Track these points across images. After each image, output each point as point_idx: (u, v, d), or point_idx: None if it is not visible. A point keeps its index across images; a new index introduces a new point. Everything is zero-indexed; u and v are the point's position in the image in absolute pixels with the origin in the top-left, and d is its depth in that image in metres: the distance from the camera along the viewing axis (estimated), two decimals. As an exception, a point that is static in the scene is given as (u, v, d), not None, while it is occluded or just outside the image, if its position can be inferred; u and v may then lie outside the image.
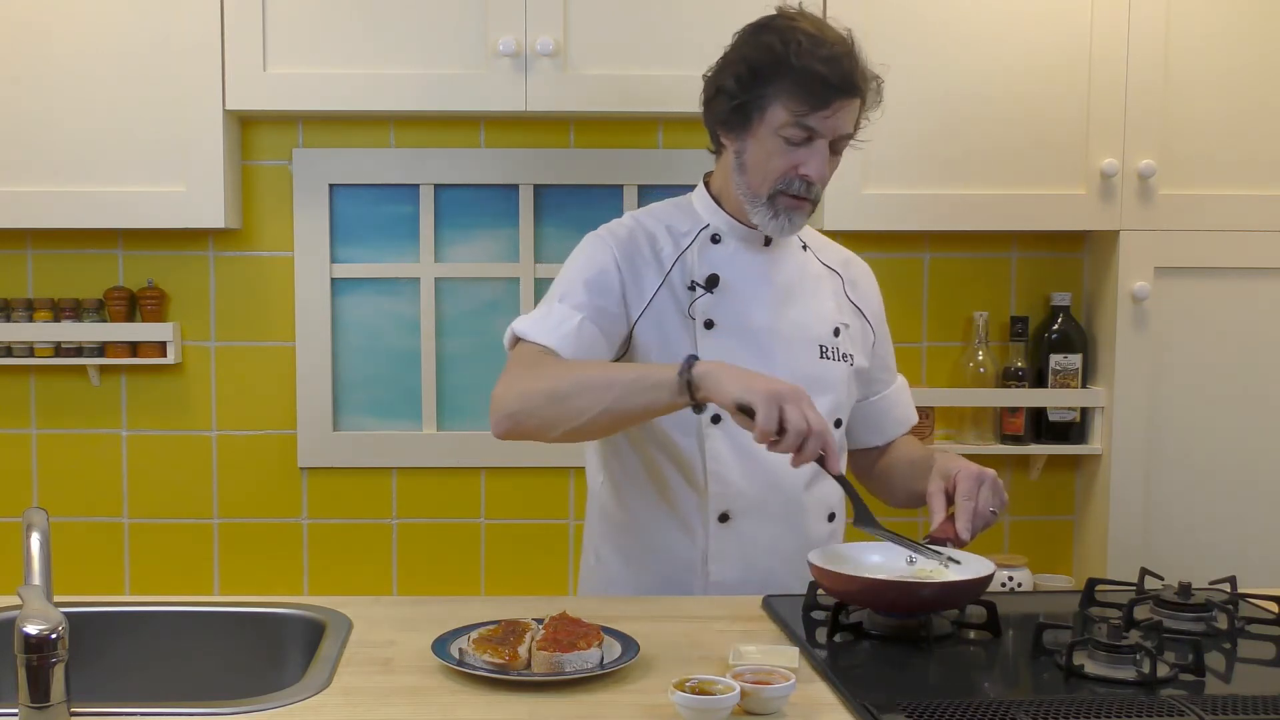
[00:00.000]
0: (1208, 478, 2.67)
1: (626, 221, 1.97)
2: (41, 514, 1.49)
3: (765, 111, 1.83)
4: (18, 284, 2.75)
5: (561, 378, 1.76)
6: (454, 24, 2.52)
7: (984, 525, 1.81)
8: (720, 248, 1.95)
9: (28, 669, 1.28)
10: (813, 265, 2.02)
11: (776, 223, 1.88)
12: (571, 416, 1.74)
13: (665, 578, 1.95)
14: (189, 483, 2.80)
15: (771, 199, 1.86)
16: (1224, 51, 2.60)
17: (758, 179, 1.87)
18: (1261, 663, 1.63)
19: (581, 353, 1.83)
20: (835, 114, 1.82)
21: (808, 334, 1.95)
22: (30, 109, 2.51)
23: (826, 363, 1.96)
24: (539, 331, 1.85)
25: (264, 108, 2.56)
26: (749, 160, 1.87)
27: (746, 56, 1.85)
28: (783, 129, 1.82)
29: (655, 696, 1.44)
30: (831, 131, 1.83)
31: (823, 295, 2.00)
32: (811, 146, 1.84)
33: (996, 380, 2.78)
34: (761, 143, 1.85)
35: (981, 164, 2.61)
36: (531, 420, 1.77)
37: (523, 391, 1.77)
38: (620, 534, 2.00)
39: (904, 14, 2.57)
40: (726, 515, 1.92)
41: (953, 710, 1.39)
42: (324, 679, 1.51)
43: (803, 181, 1.85)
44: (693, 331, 1.90)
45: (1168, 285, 2.64)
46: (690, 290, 1.91)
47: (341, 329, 2.79)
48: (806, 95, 1.80)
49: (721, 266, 1.93)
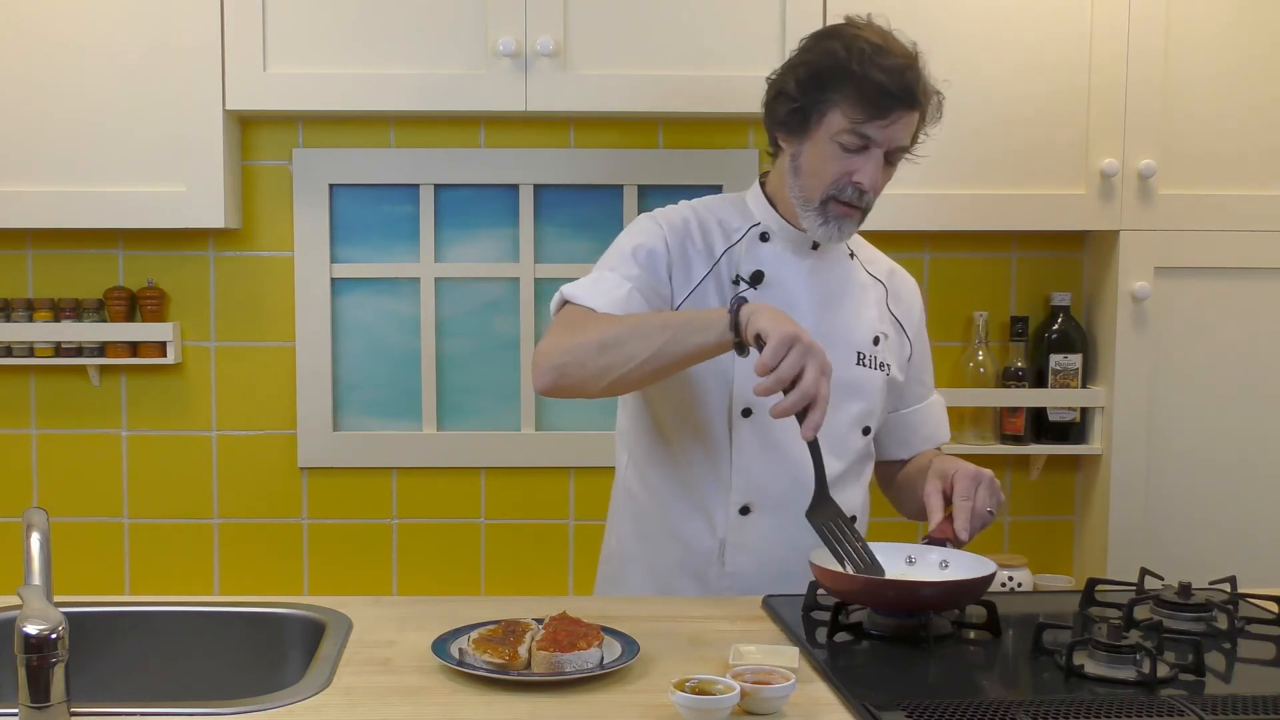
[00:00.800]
0: (1208, 478, 2.67)
1: (682, 210, 1.99)
2: (41, 514, 1.48)
3: (824, 117, 1.84)
4: (18, 284, 2.75)
5: (612, 326, 1.77)
6: (454, 24, 2.52)
7: (981, 525, 1.82)
8: (768, 246, 1.96)
9: (28, 669, 1.28)
10: (858, 274, 2.03)
11: (826, 229, 1.89)
12: (621, 363, 1.74)
13: (682, 563, 1.96)
14: (189, 483, 2.80)
15: (823, 205, 1.87)
16: (1224, 51, 2.60)
17: (811, 183, 1.88)
18: (1261, 663, 1.63)
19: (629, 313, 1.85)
20: (893, 124, 1.83)
21: (846, 339, 1.96)
22: (30, 109, 2.51)
23: (862, 369, 1.97)
24: (589, 295, 1.86)
25: (264, 108, 2.56)
26: (804, 164, 1.88)
27: (809, 61, 1.87)
28: (839, 135, 1.83)
29: (655, 696, 1.44)
30: (888, 142, 1.84)
31: (865, 303, 2.01)
32: (867, 155, 1.84)
33: (996, 380, 2.78)
34: (818, 147, 1.86)
35: (981, 164, 2.61)
36: (579, 371, 1.77)
37: (571, 344, 1.78)
38: (641, 517, 2.01)
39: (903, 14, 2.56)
40: (748, 508, 1.93)
41: (953, 710, 1.39)
42: (324, 679, 1.51)
43: (855, 189, 1.86)
44: None
45: (1168, 285, 2.64)
46: (735, 284, 1.93)
47: (341, 329, 2.79)
48: (866, 103, 1.81)
49: (767, 264, 1.94)
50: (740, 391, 1.90)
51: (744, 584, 1.94)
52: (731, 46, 2.55)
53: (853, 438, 1.98)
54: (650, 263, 1.91)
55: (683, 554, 1.96)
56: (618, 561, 2.05)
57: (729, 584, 1.94)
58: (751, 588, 1.92)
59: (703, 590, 1.95)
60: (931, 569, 1.78)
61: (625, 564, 2.03)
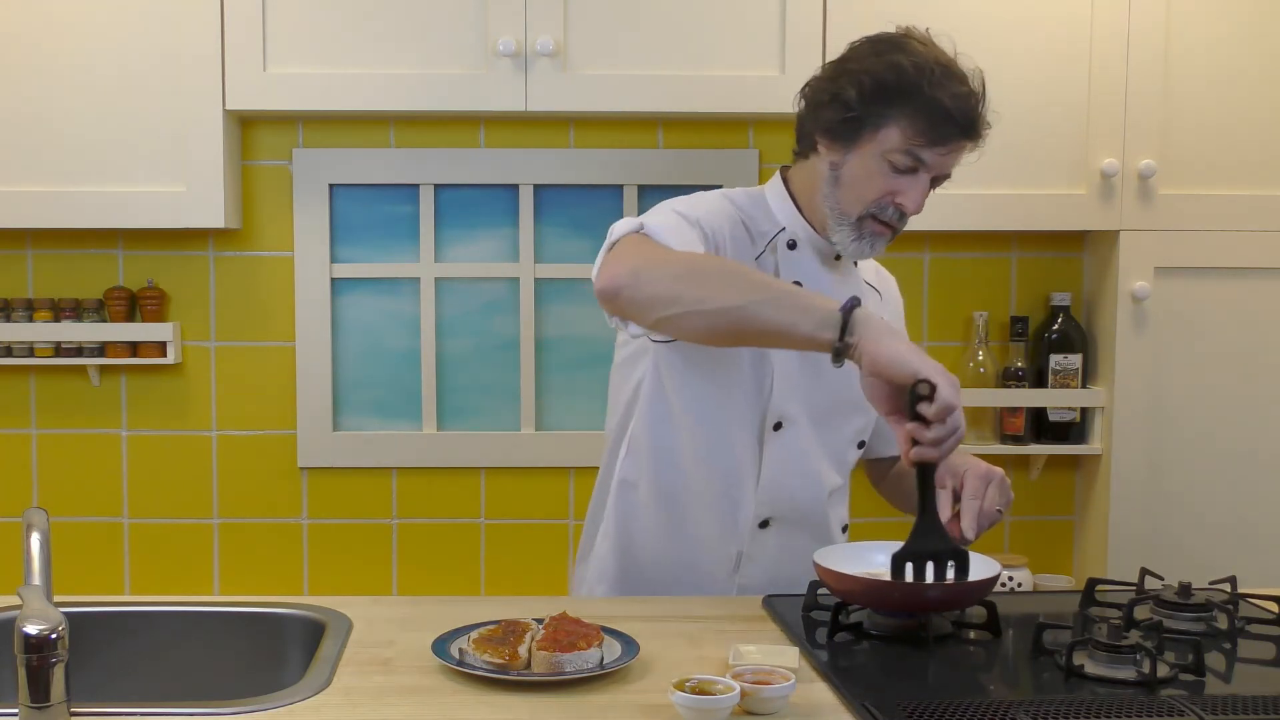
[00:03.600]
0: (1208, 478, 2.67)
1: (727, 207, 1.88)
2: (41, 514, 1.48)
3: (879, 131, 1.77)
4: (18, 284, 2.75)
5: (702, 259, 1.66)
6: (454, 24, 2.52)
7: (989, 524, 1.79)
8: (797, 254, 1.89)
9: (28, 669, 1.28)
10: (860, 283, 2.00)
11: (858, 245, 1.82)
12: (698, 299, 1.59)
13: (691, 569, 1.92)
14: (189, 483, 2.80)
15: (859, 221, 1.81)
16: (1224, 51, 2.60)
17: (851, 197, 1.80)
18: (1261, 663, 1.62)
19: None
20: (950, 152, 1.78)
21: None
22: (31, 109, 2.51)
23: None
24: (667, 233, 1.71)
25: (264, 108, 2.56)
26: (846, 175, 1.80)
27: (874, 71, 1.77)
28: (892, 154, 1.76)
29: (655, 696, 1.44)
30: (939, 169, 1.79)
31: None
32: (915, 177, 1.78)
33: (996, 380, 2.78)
34: (865, 162, 1.78)
35: (981, 164, 2.58)
36: (649, 287, 1.62)
37: (655, 257, 1.64)
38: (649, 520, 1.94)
39: (904, 14, 2.56)
40: (768, 521, 1.91)
41: (953, 710, 1.39)
42: (324, 679, 1.51)
43: (896, 210, 1.79)
44: None
45: (1168, 285, 2.64)
46: None
47: (341, 329, 2.79)
48: (928, 127, 1.74)
49: (801, 274, 1.87)
50: (776, 403, 1.87)
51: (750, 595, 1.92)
52: (731, 46, 2.55)
53: (851, 453, 1.98)
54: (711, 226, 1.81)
55: (695, 560, 1.92)
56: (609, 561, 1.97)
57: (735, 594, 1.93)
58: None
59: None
60: None
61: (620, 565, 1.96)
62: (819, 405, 1.91)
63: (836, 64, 1.84)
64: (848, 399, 1.89)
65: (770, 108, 2.57)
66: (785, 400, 1.88)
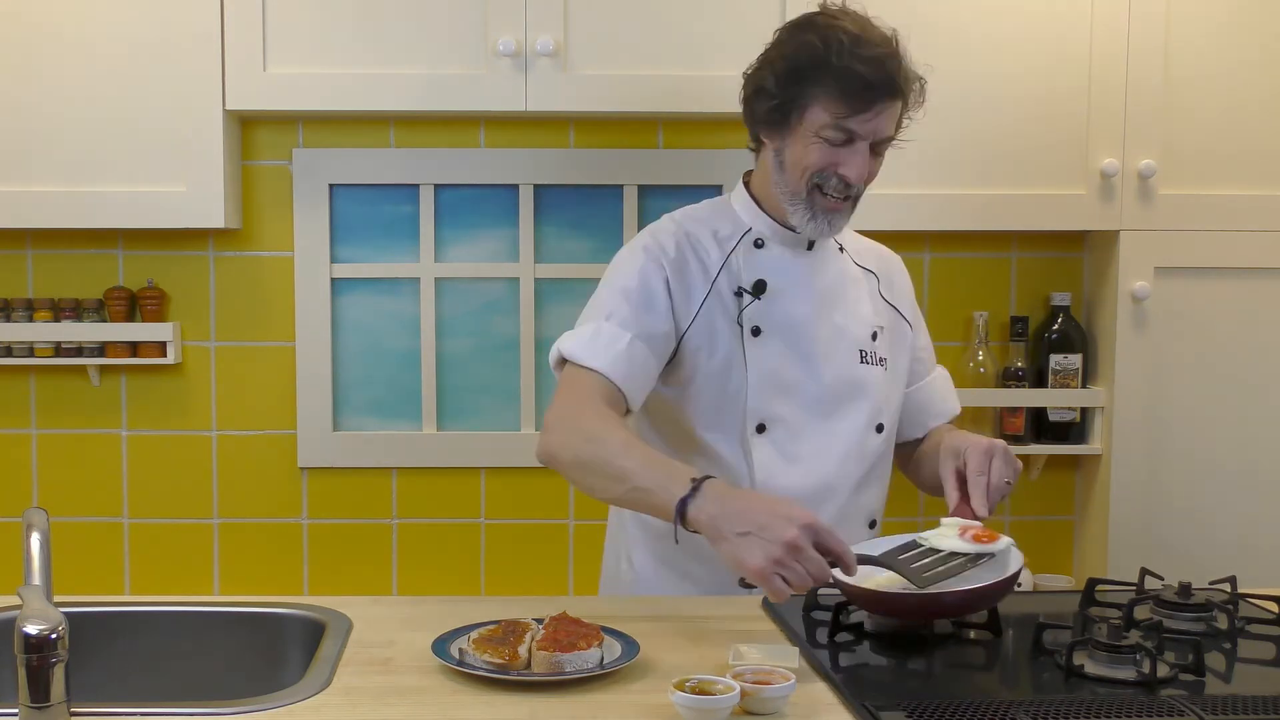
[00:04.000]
0: (1208, 477, 2.67)
1: (669, 229, 1.94)
2: (41, 514, 1.49)
3: (805, 112, 1.80)
4: (18, 284, 2.75)
5: (589, 446, 1.74)
6: (454, 24, 2.52)
7: (1000, 497, 1.78)
8: (764, 252, 1.92)
9: (28, 669, 1.28)
10: (850, 268, 2.00)
11: (815, 224, 1.85)
12: (589, 489, 1.79)
13: (706, 585, 1.91)
14: (189, 483, 2.80)
15: (809, 198, 1.83)
16: (1224, 51, 2.60)
17: (795, 176, 1.84)
18: (1261, 663, 1.63)
19: (632, 374, 1.82)
20: (877, 116, 1.79)
21: (849, 338, 1.94)
22: (31, 109, 2.51)
23: (866, 367, 1.94)
24: (588, 354, 1.82)
25: (264, 108, 2.56)
26: (788, 159, 1.84)
27: (787, 55, 1.81)
28: (823, 130, 1.79)
29: (655, 696, 1.44)
30: (872, 134, 1.80)
31: (860, 299, 1.98)
32: (852, 148, 1.80)
33: (996, 380, 2.78)
34: (800, 143, 1.82)
35: (981, 164, 2.61)
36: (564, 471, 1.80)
37: (561, 442, 1.78)
38: (660, 540, 1.96)
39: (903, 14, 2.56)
40: None
41: (953, 710, 1.39)
42: (324, 679, 1.51)
43: (840, 181, 1.82)
44: (740, 338, 1.89)
45: (1168, 285, 2.64)
46: (737, 296, 1.90)
47: (341, 329, 2.79)
48: (847, 97, 1.77)
49: (767, 271, 1.91)
50: (755, 406, 1.88)
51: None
52: (731, 46, 2.55)
53: (870, 439, 1.96)
54: (648, 302, 1.86)
55: (708, 575, 1.90)
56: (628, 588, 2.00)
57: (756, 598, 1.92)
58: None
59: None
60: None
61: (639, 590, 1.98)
62: (816, 399, 1.91)
63: (761, 55, 1.88)
64: (849, 388, 1.89)
65: (770, 108, 2.57)
66: (765, 403, 1.88)
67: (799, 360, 1.89)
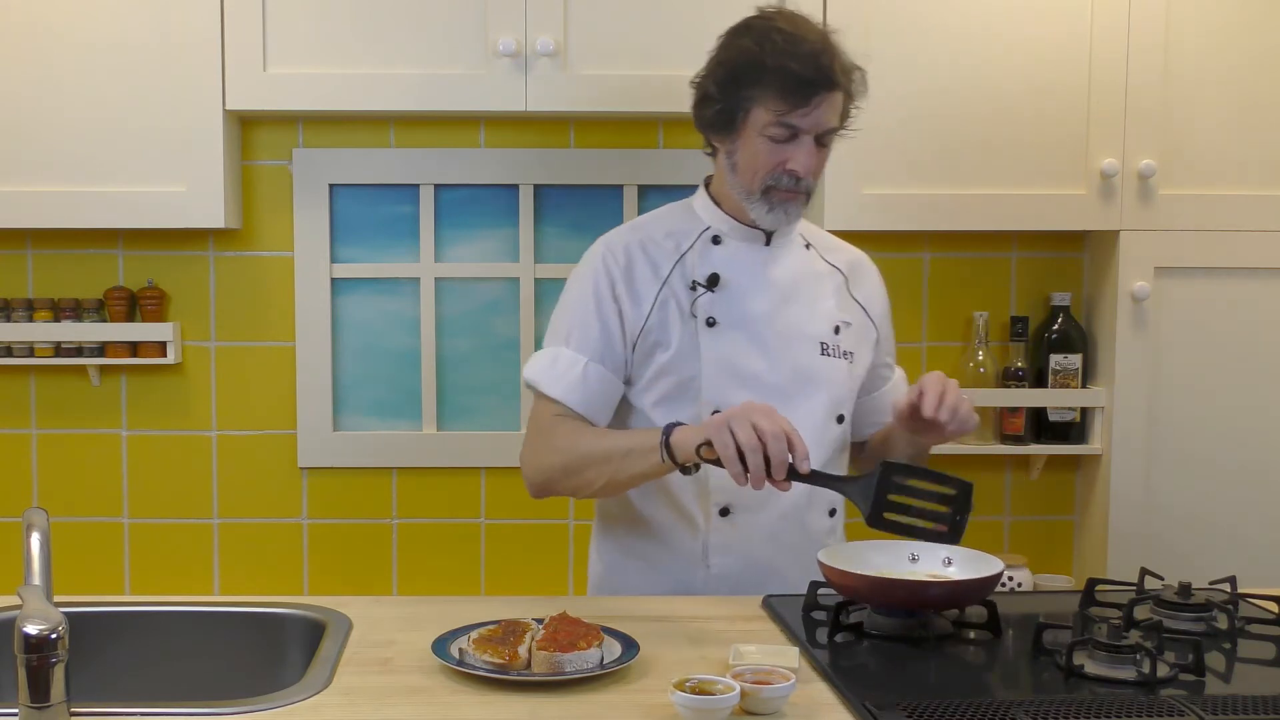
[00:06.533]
0: (1208, 477, 2.67)
1: (624, 236, 2.01)
2: (41, 514, 1.49)
3: (748, 114, 1.87)
4: (18, 284, 2.75)
5: (569, 451, 1.89)
6: (454, 24, 2.52)
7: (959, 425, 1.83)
8: (721, 248, 1.97)
9: (28, 669, 1.28)
10: (815, 264, 2.04)
11: (773, 216, 1.92)
12: (586, 485, 1.89)
13: (666, 570, 1.97)
14: (189, 483, 2.80)
15: (765, 194, 1.90)
16: (1224, 51, 2.60)
17: (748, 177, 1.90)
18: (1261, 663, 1.63)
19: (590, 398, 1.92)
20: (817, 109, 1.85)
21: (808, 331, 1.97)
22: (30, 109, 2.51)
23: (827, 359, 1.98)
24: (548, 382, 1.94)
25: (264, 108, 2.56)
26: (739, 161, 1.91)
27: (725, 60, 1.89)
28: (766, 129, 1.86)
29: (655, 696, 1.44)
30: (814, 127, 1.86)
31: (824, 293, 2.01)
32: (797, 143, 1.86)
33: (996, 380, 2.78)
34: (748, 143, 1.88)
35: (982, 164, 2.61)
36: (557, 488, 1.94)
37: (541, 465, 1.94)
38: (622, 531, 2.03)
39: (904, 13, 2.57)
40: (727, 509, 1.93)
41: (953, 710, 1.39)
42: (324, 679, 1.51)
43: (790, 176, 1.87)
44: (695, 330, 1.92)
45: (1168, 285, 2.64)
46: (692, 290, 1.94)
47: (341, 329, 2.79)
48: (785, 94, 1.83)
49: (722, 266, 1.96)
50: (711, 396, 1.91)
51: (730, 585, 1.94)
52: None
53: (829, 428, 1.98)
54: (601, 319, 1.93)
55: (666, 561, 1.97)
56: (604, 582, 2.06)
57: (715, 586, 1.95)
58: (738, 588, 1.93)
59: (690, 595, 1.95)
60: (936, 567, 1.78)
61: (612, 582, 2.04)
62: (774, 388, 1.92)
63: (708, 60, 1.94)
64: (808, 379, 1.93)
65: (770, 108, 2.57)
66: (721, 392, 1.91)
67: (756, 351, 1.93)
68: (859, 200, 2.58)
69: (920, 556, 1.80)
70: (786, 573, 1.92)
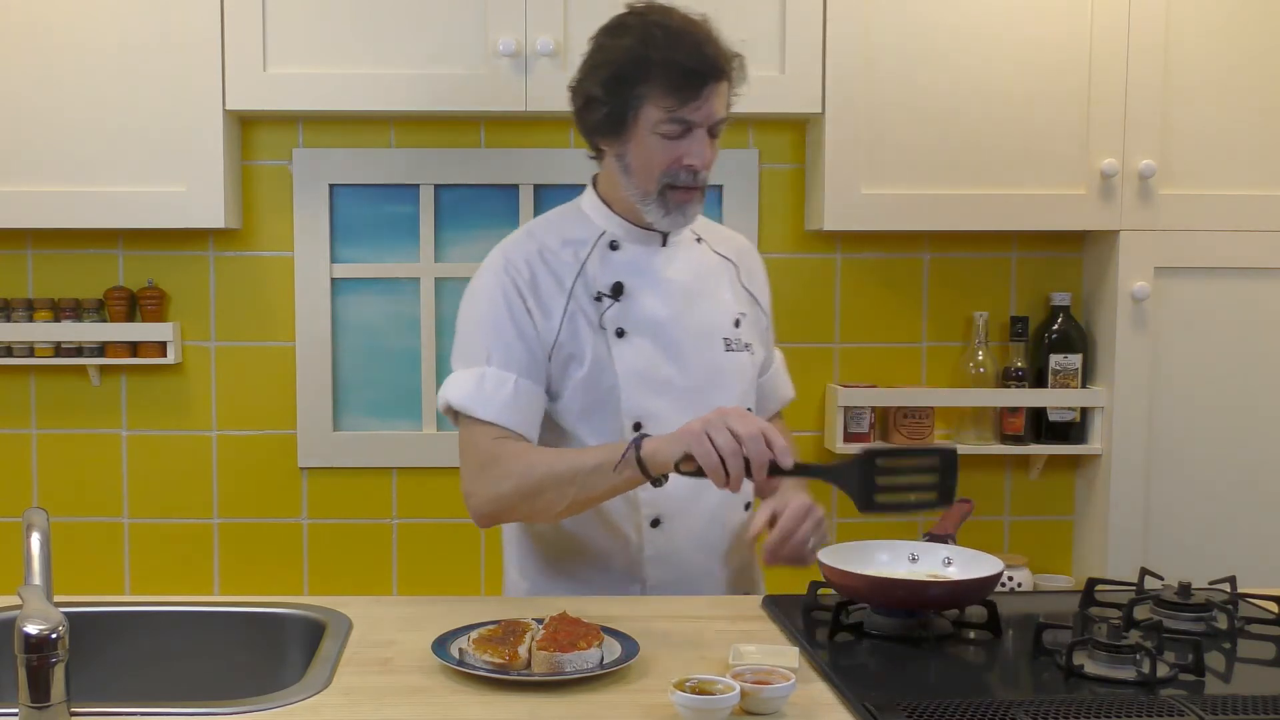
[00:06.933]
0: (1208, 477, 2.67)
1: (523, 243, 1.95)
2: (41, 514, 1.48)
3: (639, 113, 1.83)
4: (18, 284, 2.75)
5: (525, 474, 1.81)
6: (454, 24, 2.52)
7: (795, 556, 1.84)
8: (620, 253, 1.94)
9: (28, 669, 1.28)
10: (708, 257, 2.01)
11: (670, 218, 1.88)
12: (547, 508, 1.82)
13: (599, 587, 1.94)
14: (189, 483, 2.80)
15: (661, 195, 1.86)
16: (1224, 51, 2.60)
17: (644, 178, 1.86)
18: (1261, 663, 1.63)
19: (525, 417, 1.87)
20: (707, 101, 1.82)
21: (713, 327, 1.95)
22: (30, 109, 2.51)
23: (732, 354, 1.96)
24: (478, 405, 1.87)
25: (264, 108, 2.56)
26: (632, 162, 1.87)
27: (609, 61, 1.84)
28: (659, 127, 1.82)
29: (655, 696, 1.44)
30: (706, 119, 1.84)
31: (721, 287, 2.00)
32: (691, 137, 1.83)
33: (996, 380, 2.78)
34: (641, 143, 1.85)
35: (981, 164, 2.61)
36: (513, 514, 1.88)
37: (491, 494, 1.85)
38: (547, 550, 1.99)
39: (904, 14, 2.57)
40: (658, 520, 1.92)
41: (953, 710, 1.39)
42: (324, 679, 1.51)
43: (688, 172, 1.85)
44: (606, 340, 1.89)
45: (1168, 285, 2.64)
46: (597, 301, 1.90)
47: (341, 329, 2.79)
48: (675, 90, 1.80)
49: (623, 272, 1.92)
50: (629, 406, 1.89)
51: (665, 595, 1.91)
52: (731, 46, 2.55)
53: None
54: (519, 333, 1.88)
55: (598, 576, 1.94)
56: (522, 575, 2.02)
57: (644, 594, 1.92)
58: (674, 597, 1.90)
59: None
60: (936, 567, 1.78)
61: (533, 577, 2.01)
62: (688, 389, 1.91)
63: (582, 65, 1.90)
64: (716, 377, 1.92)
65: (770, 108, 2.57)
66: (638, 401, 1.89)
67: (666, 356, 1.91)
68: (859, 200, 2.58)
69: (920, 556, 1.80)
70: (717, 574, 1.93)
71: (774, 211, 2.81)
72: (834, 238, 2.81)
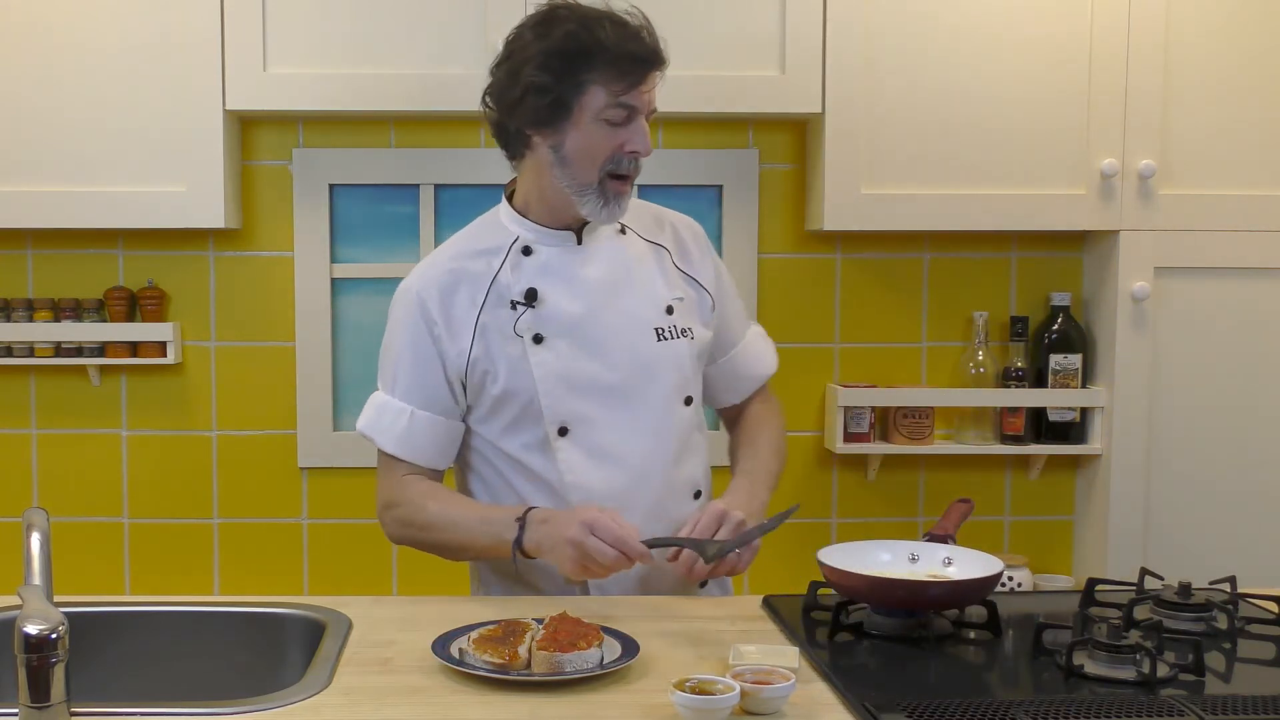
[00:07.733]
0: (1207, 477, 2.67)
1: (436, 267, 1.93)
2: (41, 514, 1.48)
3: (584, 98, 1.81)
4: (18, 284, 2.75)
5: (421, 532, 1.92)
6: (454, 24, 2.52)
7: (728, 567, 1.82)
8: (532, 259, 1.91)
9: (28, 669, 1.28)
10: (634, 247, 1.98)
11: (608, 210, 1.86)
12: (438, 547, 1.93)
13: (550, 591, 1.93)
14: (189, 483, 2.80)
15: (601, 186, 1.84)
16: (1224, 52, 2.60)
17: (585, 166, 1.84)
18: (1261, 663, 1.63)
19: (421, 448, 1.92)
20: (650, 88, 1.84)
21: (640, 320, 1.92)
22: (31, 109, 2.51)
23: (665, 343, 1.93)
24: (377, 434, 1.94)
25: (264, 108, 2.56)
26: (571, 151, 1.84)
27: (553, 49, 1.81)
28: (603, 112, 1.81)
29: (655, 696, 1.44)
30: (647, 106, 1.85)
31: (649, 277, 1.96)
32: (633, 124, 1.84)
33: (996, 380, 2.78)
34: (583, 130, 1.83)
35: (981, 164, 2.61)
36: (413, 544, 1.96)
37: (396, 534, 1.96)
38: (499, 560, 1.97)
39: (904, 14, 2.57)
40: None
41: (953, 710, 1.39)
42: (324, 679, 1.51)
43: (630, 158, 1.84)
44: (523, 349, 1.88)
45: (1168, 285, 2.64)
46: (512, 309, 1.89)
47: (341, 329, 2.79)
48: (623, 74, 1.80)
49: (537, 278, 1.90)
50: (551, 412, 1.87)
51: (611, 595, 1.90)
52: (731, 46, 2.55)
53: (677, 413, 1.94)
54: (422, 364, 1.89)
55: (546, 581, 1.92)
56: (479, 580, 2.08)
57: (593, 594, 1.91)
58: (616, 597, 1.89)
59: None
60: (936, 567, 1.78)
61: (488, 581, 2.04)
62: (612, 389, 1.89)
63: (506, 65, 1.87)
64: (646, 370, 1.90)
65: (770, 108, 2.57)
66: (560, 406, 1.88)
67: (588, 355, 1.88)
68: (859, 200, 2.58)
69: (920, 556, 1.80)
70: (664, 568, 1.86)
71: (774, 211, 2.81)
72: (834, 238, 2.81)
